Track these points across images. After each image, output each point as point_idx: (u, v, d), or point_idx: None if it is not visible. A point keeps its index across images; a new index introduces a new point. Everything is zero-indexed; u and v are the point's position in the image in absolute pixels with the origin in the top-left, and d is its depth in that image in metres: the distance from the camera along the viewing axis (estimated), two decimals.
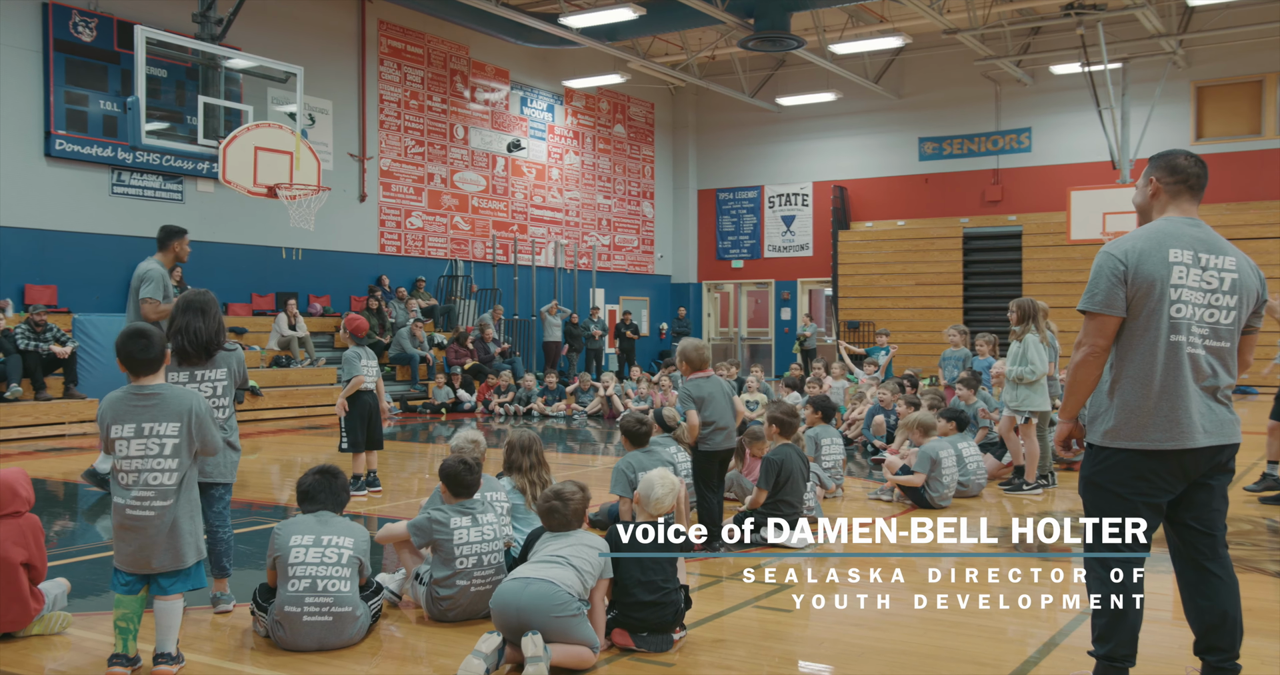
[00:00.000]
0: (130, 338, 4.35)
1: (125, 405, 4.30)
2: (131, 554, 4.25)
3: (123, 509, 4.26)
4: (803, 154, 27.01)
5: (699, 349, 6.72)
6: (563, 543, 4.56)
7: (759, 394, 13.89)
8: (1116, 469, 3.76)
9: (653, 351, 26.81)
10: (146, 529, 4.24)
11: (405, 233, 21.27)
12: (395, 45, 21.03)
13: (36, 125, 15.44)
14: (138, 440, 4.26)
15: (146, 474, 4.26)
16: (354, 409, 8.89)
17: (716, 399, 6.51)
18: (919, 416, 8.74)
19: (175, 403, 4.32)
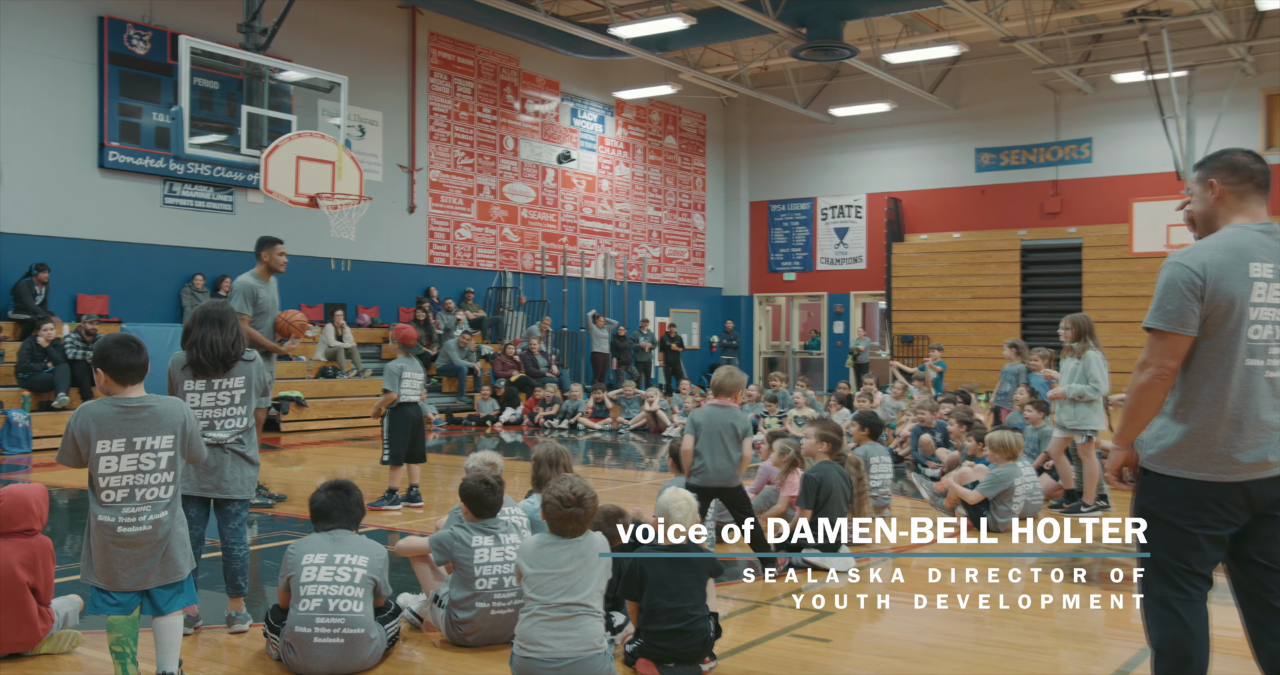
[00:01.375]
0: (118, 345, 4.16)
1: (112, 419, 4.09)
2: (123, 572, 4.07)
3: (112, 527, 4.06)
4: (856, 165, 26.63)
5: (731, 375, 6.44)
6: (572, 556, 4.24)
7: (808, 410, 13.57)
8: (1176, 498, 3.43)
9: (702, 365, 26.53)
10: (144, 545, 4.07)
11: (454, 244, 21.24)
12: (446, 57, 21.05)
13: (91, 137, 15.61)
14: (129, 455, 4.07)
15: (142, 490, 4.08)
16: (397, 421, 8.70)
17: (714, 434, 6.21)
18: (999, 437, 8.21)
19: (168, 416, 4.16)
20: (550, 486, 4.35)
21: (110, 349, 4.15)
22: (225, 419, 4.99)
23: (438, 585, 4.95)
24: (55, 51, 15.23)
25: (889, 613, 5.71)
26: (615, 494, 10.01)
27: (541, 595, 4.15)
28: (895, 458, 11.90)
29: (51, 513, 5.14)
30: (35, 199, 14.98)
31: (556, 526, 4.28)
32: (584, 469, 12.13)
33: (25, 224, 14.89)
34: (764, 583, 6.25)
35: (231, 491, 5.01)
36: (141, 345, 4.24)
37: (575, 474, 4.51)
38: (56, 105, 15.22)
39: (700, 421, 6.25)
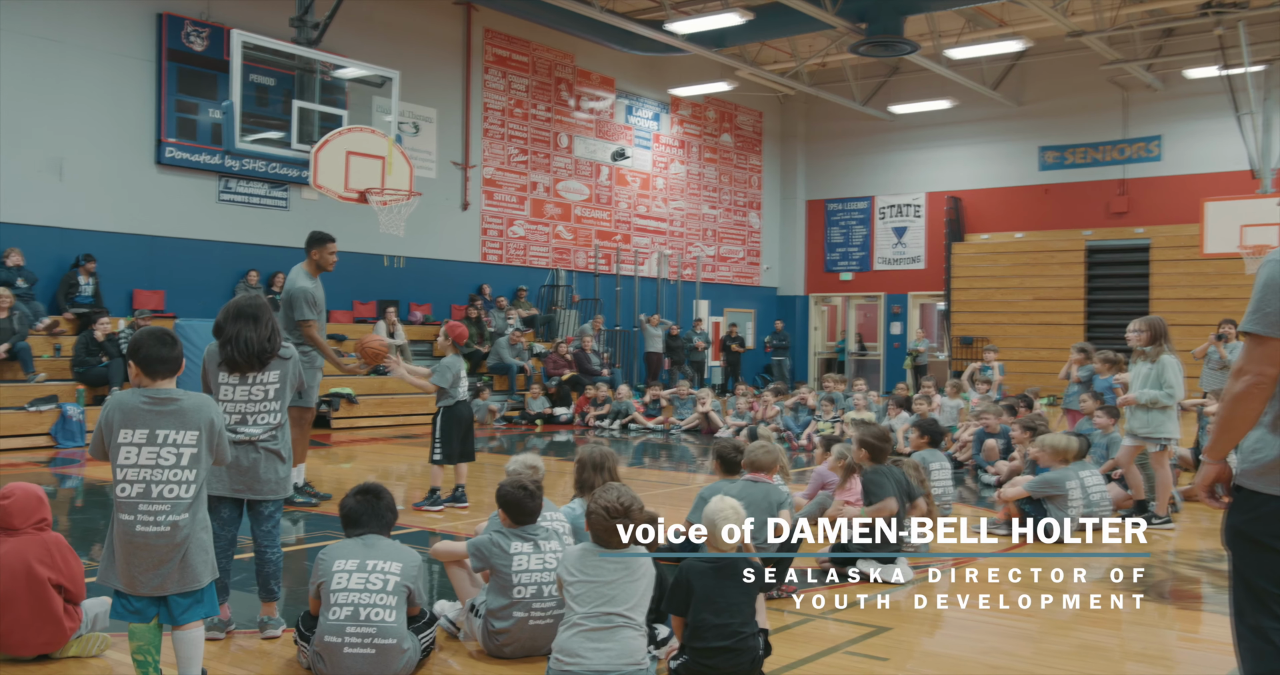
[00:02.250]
0: (151, 337, 4.05)
1: (138, 409, 3.95)
2: (140, 576, 3.91)
3: (130, 525, 3.90)
4: (916, 164, 26.13)
5: (766, 451, 6.11)
6: (616, 567, 4.02)
7: (867, 412, 13.23)
8: (1272, 519, 3.12)
9: (757, 365, 26.20)
10: (159, 547, 3.90)
11: (507, 241, 21.14)
12: (500, 53, 20.96)
13: (149, 133, 15.70)
14: (149, 448, 3.92)
15: (160, 486, 3.92)
16: (449, 420, 8.53)
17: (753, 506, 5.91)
18: (1052, 440, 7.88)
19: (194, 412, 4.00)
20: (596, 495, 4.13)
21: (143, 341, 4.05)
22: (258, 414, 4.84)
23: (474, 593, 4.75)
24: (115, 48, 15.34)
25: (950, 628, 5.43)
26: (665, 497, 9.79)
27: (581, 605, 3.94)
28: (955, 463, 11.55)
29: (92, 510, 5.04)
30: (94, 195, 15.10)
31: (601, 538, 4.06)
32: (633, 470, 11.92)
33: (84, 219, 15.01)
34: (819, 594, 5.98)
35: (264, 492, 4.85)
36: (176, 340, 4.12)
37: (620, 482, 4.27)
38: (116, 102, 15.34)
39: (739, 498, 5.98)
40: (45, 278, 14.53)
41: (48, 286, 14.61)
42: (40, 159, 14.62)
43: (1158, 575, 6.89)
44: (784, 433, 14.84)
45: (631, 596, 3.97)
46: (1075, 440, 7.85)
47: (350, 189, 10.69)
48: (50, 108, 14.68)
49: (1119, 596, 6.20)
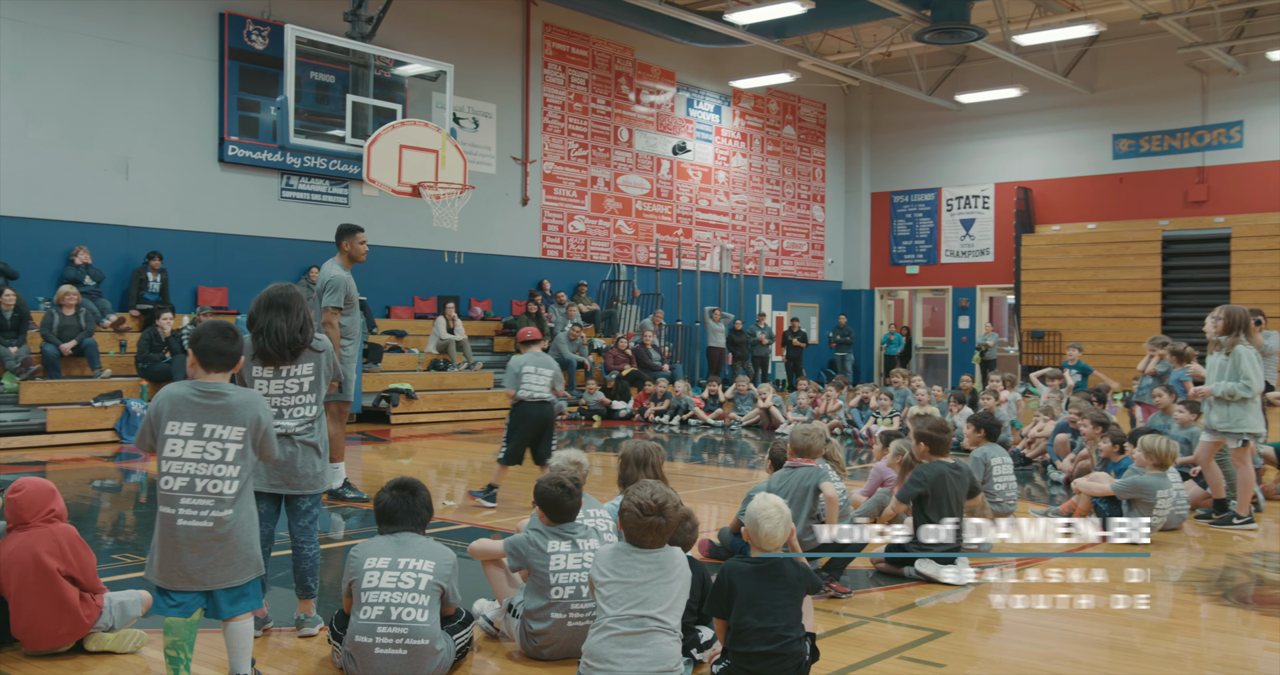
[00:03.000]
0: (214, 329, 4.00)
1: (187, 401, 3.90)
2: (182, 570, 3.84)
3: (172, 519, 3.84)
4: (984, 154, 25.53)
5: (808, 436, 5.91)
6: (650, 567, 3.84)
7: (930, 407, 12.88)
8: None
9: (822, 360, 25.84)
10: (202, 542, 3.83)
11: (567, 236, 21.07)
12: (560, 48, 20.87)
13: (211, 132, 15.87)
14: (195, 441, 3.86)
15: (204, 481, 3.85)
16: (517, 418, 8.40)
17: (788, 493, 5.72)
18: (1153, 443, 7.31)
19: (242, 408, 3.93)
20: (629, 492, 3.96)
21: (205, 332, 4.01)
22: (294, 407, 4.74)
23: (512, 592, 4.60)
24: (178, 48, 15.53)
25: (1012, 633, 5.16)
26: (722, 493, 9.59)
27: (613, 607, 3.77)
28: (1021, 459, 11.18)
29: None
30: (159, 193, 15.30)
31: (635, 536, 3.89)
32: (691, 466, 11.73)
33: (150, 217, 15.21)
34: (871, 596, 5.75)
35: (302, 487, 4.75)
36: (238, 335, 4.08)
37: (657, 481, 4.09)
38: (179, 101, 15.52)
39: (775, 487, 5.75)
40: (112, 275, 14.76)
41: (115, 284, 14.84)
42: (107, 158, 14.85)
43: (1239, 578, 6.54)
44: (847, 428, 14.55)
45: (666, 599, 3.79)
46: (1176, 445, 7.45)
47: (403, 183, 10.65)
48: (116, 108, 14.90)
49: (1198, 601, 5.88)
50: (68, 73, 14.43)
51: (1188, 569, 6.75)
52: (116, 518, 8.48)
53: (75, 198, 14.51)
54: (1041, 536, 7.35)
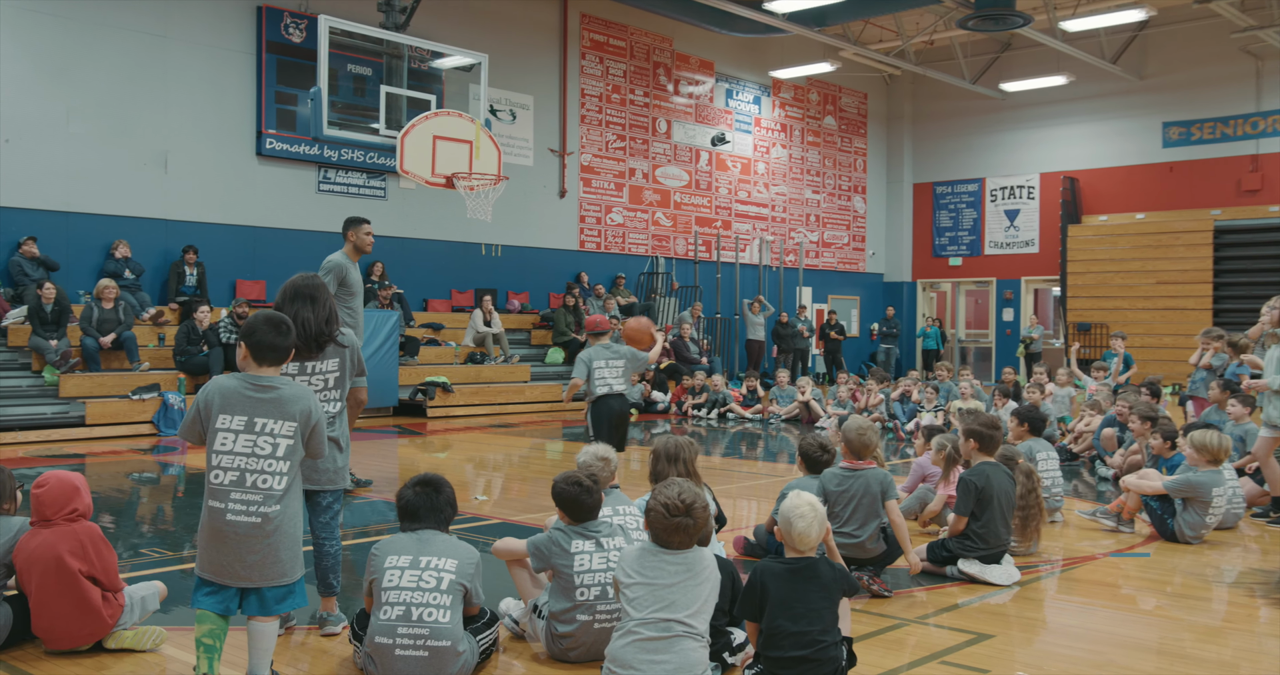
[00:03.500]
0: (268, 323, 3.93)
1: (238, 394, 3.82)
2: (229, 565, 3.76)
3: (221, 514, 3.76)
4: (1029, 143, 25.06)
5: (861, 432, 5.56)
6: (677, 570, 3.68)
7: (973, 401, 12.62)
8: None
9: (862, 353, 25.53)
10: (250, 538, 3.75)
11: (605, 229, 20.93)
12: (597, 38, 20.72)
13: (249, 125, 15.89)
14: (246, 435, 3.78)
15: (254, 476, 3.78)
16: (596, 413, 8.41)
17: (853, 499, 5.46)
18: (1203, 437, 6.98)
19: (294, 401, 3.86)
20: (656, 491, 3.81)
21: (258, 325, 3.93)
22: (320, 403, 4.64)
23: (537, 593, 4.46)
24: (217, 42, 15.55)
25: (1060, 637, 4.95)
26: (759, 489, 9.41)
27: (638, 610, 3.61)
28: (1068, 455, 10.90)
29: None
30: (198, 187, 15.35)
31: (661, 537, 3.73)
32: (728, 461, 11.55)
33: (188, 211, 15.27)
34: (913, 596, 5.56)
35: (323, 481, 4.65)
36: (290, 329, 4.01)
37: (686, 479, 3.93)
38: (217, 95, 15.55)
39: (836, 488, 5.50)
40: (152, 268, 14.83)
41: (154, 277, 14.91)
42: (146, 152, 14.91)
43: None
44: (889, 422, 14.30)
45: (693, 602, 3.63)
46: (1229, 440, 7.16)
47: (437, 174, 10.55)
48: (155, 102, 14.95)
49: (1255, 604, 5.63)
50: (107, 68, 14.50)
51: (1244, 570, 6.49)
52: (154, 511, 8.46)
53: (115, 192, 14.59)
54: (1089, 535, 7.14)
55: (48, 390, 12.44)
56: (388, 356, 14.78)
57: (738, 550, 6.38)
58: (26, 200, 13.83)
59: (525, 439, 13.39)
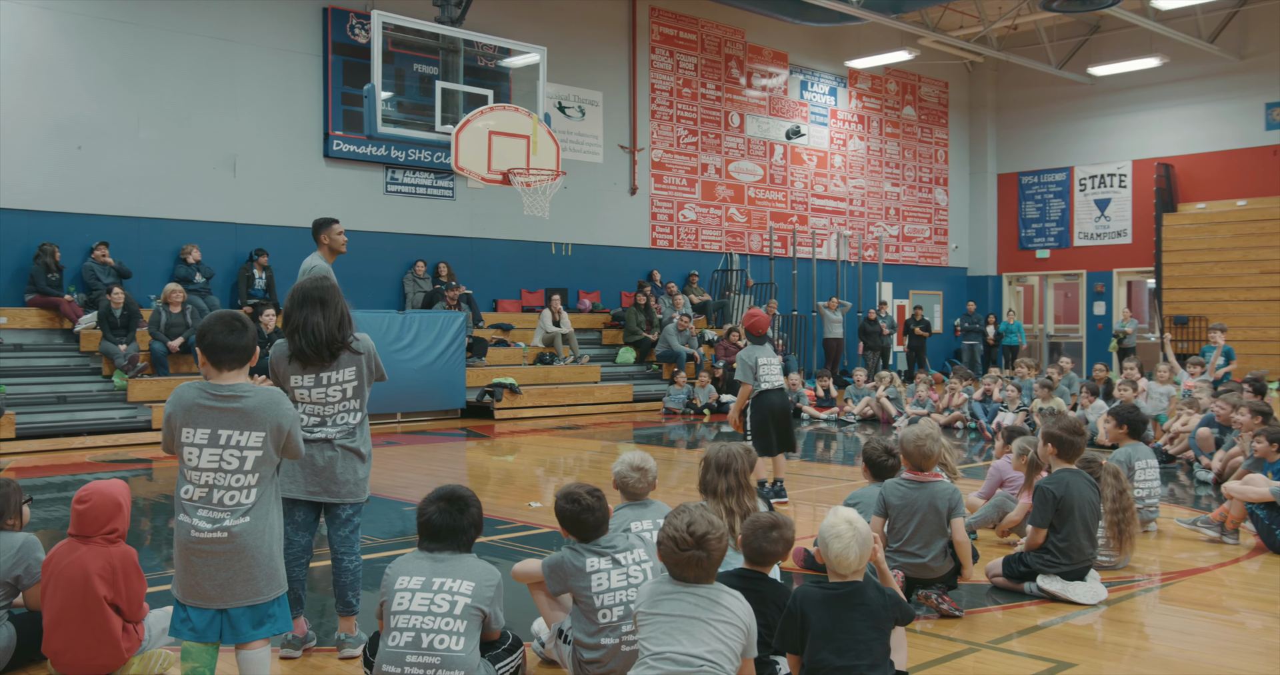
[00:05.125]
0: (218, 322, 3.61)
1: (197, 406, 3.55)
2: (197, 586, 3.51)
3: (187, 530, 3.53)
4: (1120, 129, 23.99)
5: (919, 442, 5.04)
6: (695, 604, 3.30)
7: (1056, 400, 11.96)
8: None
9: (946, 350, 24.74)
10: (217, 555, 3.49)
11: (677, 226, 20.55)
12: (667, 32, 20.35)
13: (316, 127, 15.87)
14: (211, 449, 3.52)
15: (221, 491, 3.52)
16: (760, 409, 8.09)
17: (916, 515, 4.97)
18: None
19: (262, 412, 3.57)
20: (667, 520, 3.43)
21: (210, 325, 3.63)
22: (337, 414, 4.37)
23: (560, 617, 4.10)
24: (283, 44, 15.55)
25: (1152, 669, 4.44)
26: (826, 494, 8.95)
27: (654, 645, 3.24)
28: (1164, 457, 10.21)
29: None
30: (266, 189, 15.36)
31: (674, 571, 3.36)
32: (796, 464, 11.07)
33: (257, 214, 15.29)
34: (986, 617, 5.08)
35: (343, 494, 4.36)
36: (247, 325, 3.67)
37: (701, 506, 3.52)
38: (284, 97, 15.55)
39: (897, 502, 5.01)
40: (222, 272, 14.87)
41: (224, 281, 14.94)
42: (215, 156, 14.96)
43: None
44: (971, 422, 13.69)
45: (714, 639, 3.24)
46: None
47: (493, 171, 10.28)
48: (223, 106, 14.99)
49: None
50: (176, 73, 14.57)
51: None
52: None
53: (185, 196, 14.66)
54: (1188, 546, 6.55)
55: (117, 395, 12.50)
56: (454, 358, 14.62)
57: (797, 562, 5.96)
58: (98, 206, 13.95)
59: (595, 441, 13.10)
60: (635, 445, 12.91)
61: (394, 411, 14.31)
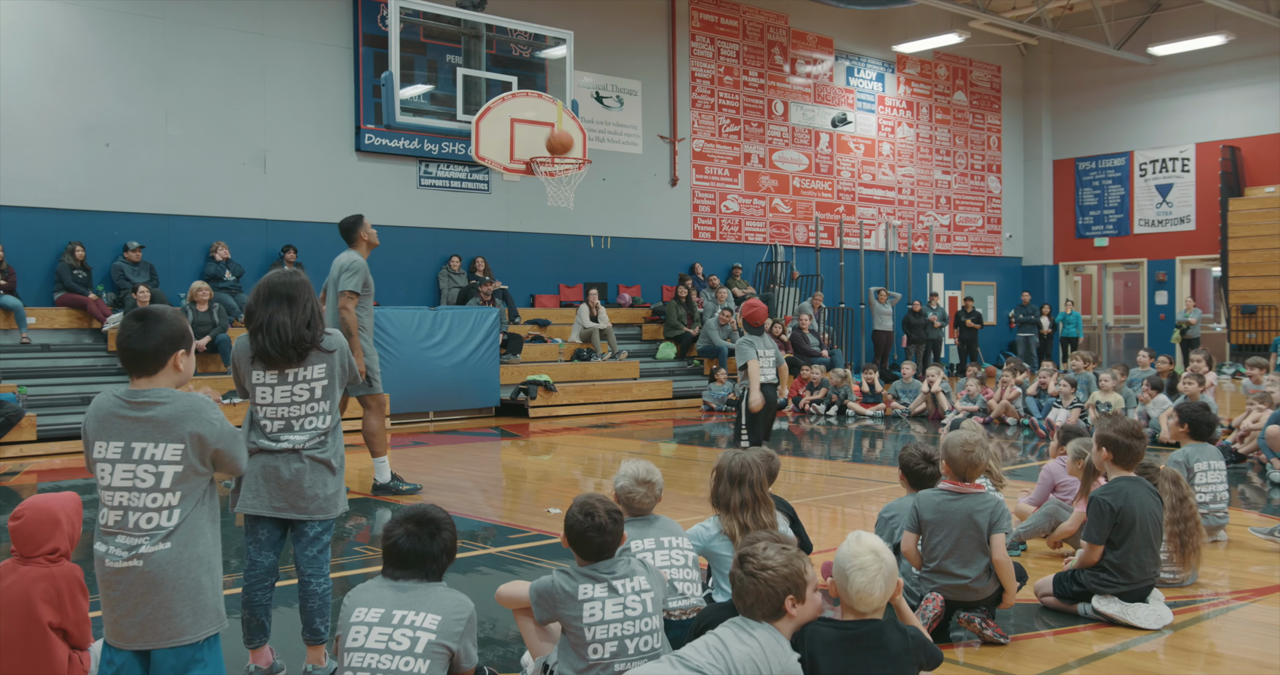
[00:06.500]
0: (126, 324, 3.15)
1: (113, 416, 3.10)
2: (117, 623, 3.08)
3: (102, 560, 3.09)
4: (1182, 111, 23.04)
5: (967, 448, 4.48)
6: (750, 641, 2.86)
7: (1114, 395, 11.30)
8: None
9: (1000, 343, 23.97)
10: (134, 586, 3.05)
11: (720, 217, 20.04)
12: (708, 18, 19.83)
13: (348, 121, 15.60)
14: (124, 465, 3.07)
15: (137, 514, 3.06)
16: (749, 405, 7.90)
17: (953, 530, 4.42)
18: None
19: (179, 421, 3.09)
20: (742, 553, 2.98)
21: (124, 324, 3.16)
22: (305, 418, 3.94)
23: (547, 649, 3.66)
24: (314, 37, 15.29)
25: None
26: (866, 499, 8.42)
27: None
28: (1233, 456, 9.53)
29: None
30: (297, 185, 15.11)
31: (736, 597, 2.92)
32: (838, 465, 10.55)
33: (288, 210, 15.05)
34: (1034, 643, 4.56)
35: (311, 510, 3.94)
36: (158, 323, 3.14)
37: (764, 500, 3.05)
38: (316, 91, 15.29)
39: (930, 518, 4.46)
40: (252, 270, 14.64)
41: (254, 278, 14.69)
42: (245, 152, 14.73)
43: None
44: (1024, 419, 13.05)
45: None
46: None
47: (515, 160, 9.86)
48: (254, 100, 14.76)
49: None
50: (206, 68, 14.35)
51: None
52: None
53: (215, 193, 14.45)
54: (1265, 559, 5.94)
55: None
56: (488, 355, 14.26)
57: (825, 577, 5.45)
58: (127, 204, 13.78)
59: (631, 441, 12.64)
60: (676, 445, 12.45)
61: (426, 410, 13.99)
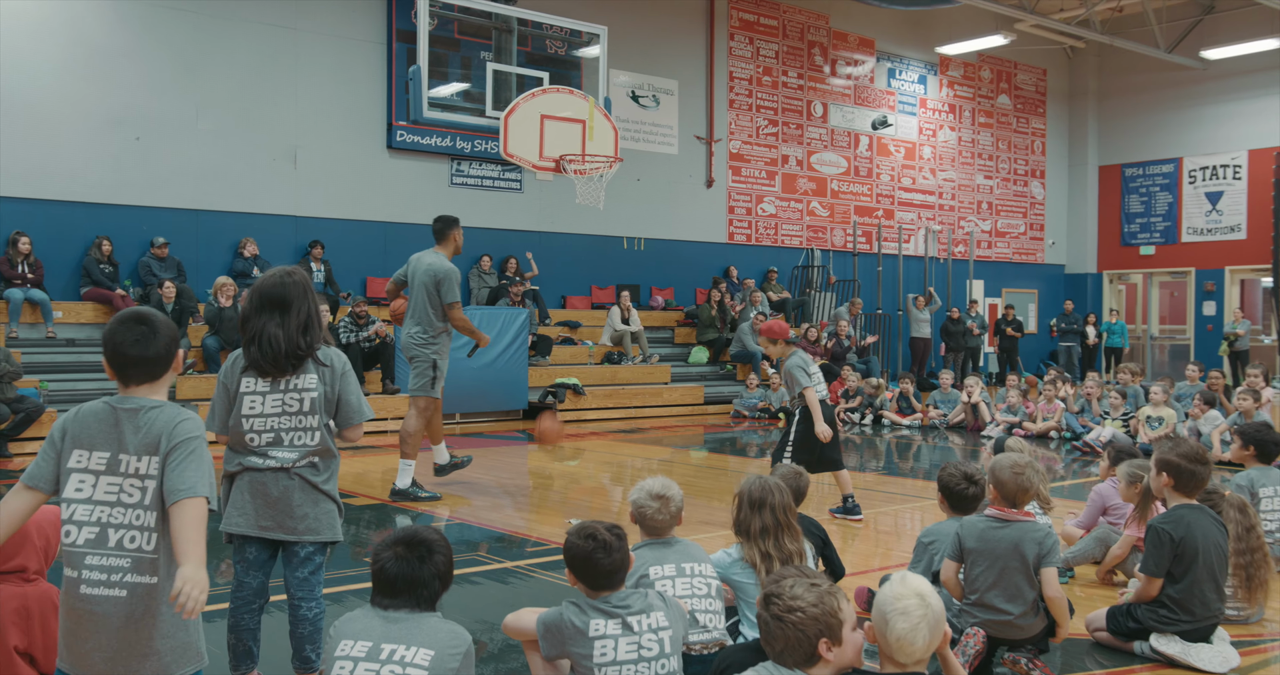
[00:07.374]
0: (123, 327, 2.86)
1: (100, 425, 2.82)
2: (87, 657, 2.78)
3: (75, 585, 2.78)
4: (1234, 117, 22.39)
5: (1017, 471, 4.14)
6: None
7: (1165, 409, 10.85)
8: None
9: (1040, 352, 23.41)
10: (110, 618, 2.76)
11: (756, 220, 19.68)
12: (747, 18, 19.49)
13: (380, 117, 15.41)
14: (110, 478, 2.78)
15: (120, 531, 2.77)
16: (805, 422, 7.19)
17: (997, 561, 4.07)
18: None
19: (157, 426, 2.81)
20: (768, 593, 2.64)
21: (113, 331, 2.86)
22: (294, 432, 3.64)
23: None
24: (346, 32, 15.11)
25: None
26: (897, 516, 8.06)
27: None
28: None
29: None
30: (328, 182, 14.94)
31: (765, 641, 2.61)
32: (871, 478, 10.17)
33: (318, 207, 14.88)
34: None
35: (301, 530, 3.66)
36: (158, 329, 2.88)
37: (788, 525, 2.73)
38: (347, 87, 15.12)
39: (975, 547, 4.10)
40: (281, 265, 14.45)
41: None
42: (276, 148, 14.57)
43: None
44: (1066, 433, 12.61)
45: None
46: None
47: (545, 157, 9.60)
48: (285, 96, 14.60)
49: None
50: (237, 63, 14.20)
51: None
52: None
53: (244, 188, 14.29)
54: None
55: None
56: (516, 357, 14.01)
57: (859, 604, 5.11)
58: (156, 199, 13.65)
59: (661, 448, 12.34)
60: (707, 453, 12.14)
61: (452, 412, 13.74)
